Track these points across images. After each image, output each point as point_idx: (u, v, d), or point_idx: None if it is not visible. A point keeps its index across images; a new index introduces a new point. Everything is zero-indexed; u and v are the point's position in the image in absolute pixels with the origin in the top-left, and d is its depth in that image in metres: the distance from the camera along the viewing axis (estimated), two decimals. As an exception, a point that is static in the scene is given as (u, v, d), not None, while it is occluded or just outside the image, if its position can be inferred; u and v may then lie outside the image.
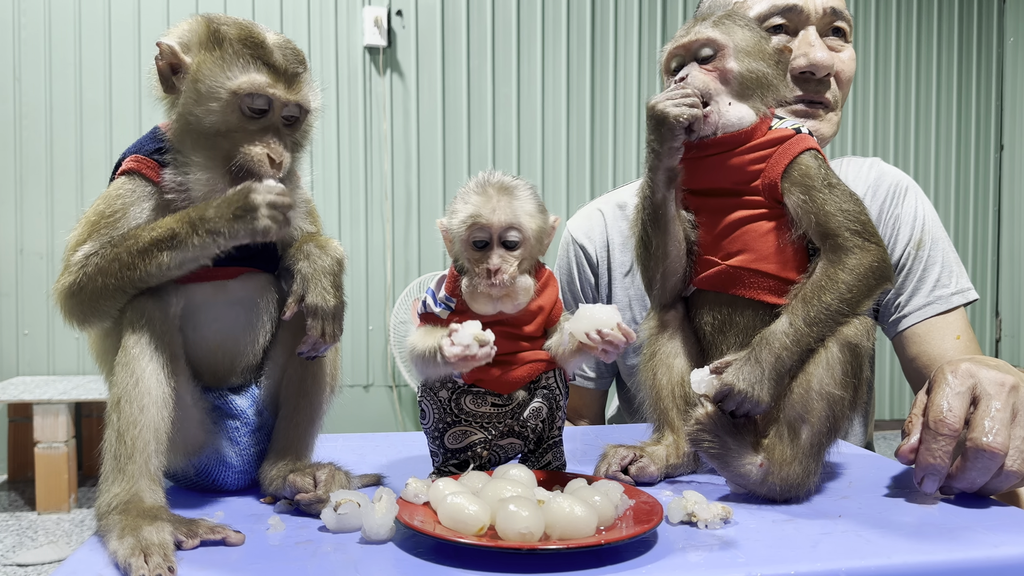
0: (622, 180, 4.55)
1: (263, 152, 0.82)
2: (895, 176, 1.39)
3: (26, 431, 3.72)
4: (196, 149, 0.83)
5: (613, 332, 0.82)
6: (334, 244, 0.89)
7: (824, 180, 0.89)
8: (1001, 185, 5.15)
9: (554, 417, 0.92)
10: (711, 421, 0.84)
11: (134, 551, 0.67)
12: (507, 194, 0.86)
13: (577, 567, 0.66)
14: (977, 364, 0.87)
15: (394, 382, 4.37)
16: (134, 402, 0.78)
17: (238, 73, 0.81)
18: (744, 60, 0.93)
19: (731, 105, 0.92)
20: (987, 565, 0.70)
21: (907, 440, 0.86)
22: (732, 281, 0.93)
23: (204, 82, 0.81)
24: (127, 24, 4.10)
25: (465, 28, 4.45)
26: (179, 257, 0.80)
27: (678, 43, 0.96)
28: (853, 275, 0.87)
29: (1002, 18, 5.14)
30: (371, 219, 4.35)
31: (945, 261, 1.33)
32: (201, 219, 0.78)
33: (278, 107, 0.83)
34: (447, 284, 0.90)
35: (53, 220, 4.05)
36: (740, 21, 0.96)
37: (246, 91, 0.81)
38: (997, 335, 5.16)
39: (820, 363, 0.86)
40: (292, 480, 0.83)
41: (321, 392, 0.92)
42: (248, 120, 0.82)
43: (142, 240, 0.80)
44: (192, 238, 0.79)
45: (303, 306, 0.84)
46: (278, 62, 0.83)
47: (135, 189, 0.85)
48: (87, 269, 0.82)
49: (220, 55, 0.82)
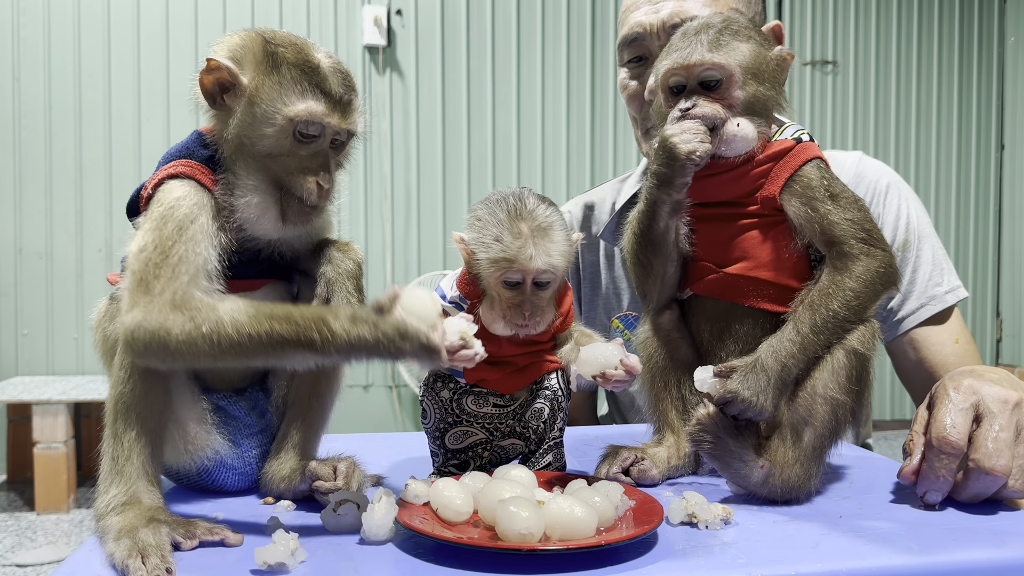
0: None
1: (313, 182, 0.82)
2: (876, 173, 1.35)
3: (25, 431, 3.72)
4: (249, 171, 0.82)
5: (618, 372, 0.83)
6: (354, 247, 0.91)
7: (827, 190, 0.88)
8: (1002, 185, 5.15)
9: (555, 418, 0.92)
10: (712, 422, 0.84)
11: (132, 552, 0.67)
12: (543, 236, 0.83)
13: (577, 568, 0.66)
14: (980, 380, 0.86)
15: (394, 382, 4.37)
16: (134, 403, 0.77)
17: (296, 100, 0.81)
18: (750, 85, 0.90)
19: (739, 127, 0.89)
20: (988, 565, 0.70)
21: (909, 461, 0.85)
22: (731, 288, 0.92)
23: (261, 106, 0.81)
24: (126, 24, 4.10)
25: (465, 28, 4.45)
26: (300, 359, 0.74)
27: (679, 63, 0.91)
28: (860, 282, 0.86)
29: (1002, 18, 5.14)
30: (371, 219, 4.35)
31: (935, 259, 1.30)
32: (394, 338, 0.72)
33: (330, 133, 0.84)
34: (460, 285, 0.89)
35: (52, 220, 4.05)
36: (741, 34, 0.92)
37: (304, 119, 0.81)
38: (998, 335, 5.16)
39: (825, 367, 0.86)
40: (313, 468, 0.83)
41: (332, 393, 0.93)
42: (299, 145, 0.82)
43: (263, 326, 0.72)
44: (328, 348, 0.72)
45: None
46: (334, 90, 0.83)
47: (192, 192, 0.80)
48: (227, 321, 0.72)
49: (278, 80, 0.81)
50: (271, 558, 0.66)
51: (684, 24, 0.97)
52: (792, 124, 0.96)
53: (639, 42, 1.30)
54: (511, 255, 0.82)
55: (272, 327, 0.72)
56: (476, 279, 0.87)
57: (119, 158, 4.03)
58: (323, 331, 0.71)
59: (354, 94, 0.86)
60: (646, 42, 1.30)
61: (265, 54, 0.82)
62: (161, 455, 0.79)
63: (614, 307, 1.47)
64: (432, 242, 4.40)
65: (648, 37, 1.29)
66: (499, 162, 4.48)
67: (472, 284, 0.87)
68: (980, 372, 0.89)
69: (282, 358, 0.74)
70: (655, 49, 1.29)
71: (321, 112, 0.82)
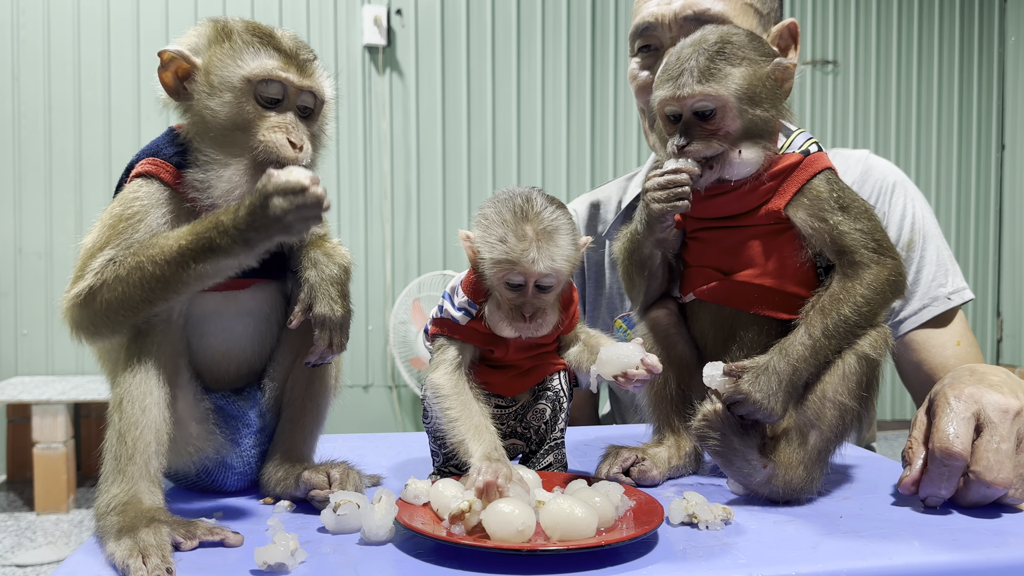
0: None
1: (283, 136, 0.80)
2: (883, 172, 1.34)
3: (25, 431, 3.72)
4: (216, 146, 0.81)
5: (639, 372, 0.82)
6: (341, 251, 0.88)
7: (837, 202, 0.88)
8: (1002, 185, 5.15)
9: (557, 419, 0.92)
10: (718, 419, 0.84)
11: (132, 552, 0.67)
12: (547, 239, 0.82)
13: (577, 568, 0.66)
14: (980, 386, 0.85)
15: (393, 383, 4.37)
16: (136, 403, 0.77)
17: (249, 60, 0.80)
18: (746, 111, 0.88)
19: (740, 155, 0.88)
20: (988, 566, 0.70)
21: (909, 471, 0.84)
22: (736, 295, 0.92)
23: (216, 73, 0.80)
24: (126, 24, 4.10)
25: (465, 27, 4.45)
26: (215, 266, 0.75)
27: (672, 95, 0.89)
28: (871, 289, 0.86)
29: (1003, 18, 5.14)
30: (370, 219, 4.35)
31: (939, 260, 1.29)
32: (233, 223, 0.73)
33: (292, 93, 0.82)
34: (466, 287, 0.88)
35: (52, 220, 4.05)
36: (735, 57, 0.89)
37: (259, 76, 0.80)
38: (998, 335, 5.16)
39: (836, 372, 0.86)
40: (307, 477, 0.83)
41: (326, 394, 0.92)
42: (264, 110, 0.81)
43: (169, 249, 0.76)
44: (225, 242, 0.73)
45: (310, 316, 0.84)
46: (288, 47, 0.82)
47: (153, 192, 0.82)
48: (105, 276, 0.78)
49: (230, 46, 0.81)
50: (271, 558, 0.66)
51: (698, 21, 0.96)
52: (801, 132, 0.94)
53: (650, 32, 1.31)
54: (514, 257, 0.81)
55: (180, 244, 0.75)
56: (481, 279, 0.86)
57: (119, 158, 4.03)
58: (218, 229, 0.74)
59: (313, 56, 0.84)
60: (657, 32, 1.30)
61: (216, 31, 0.82)
62: (163, 455, 0.79)
63: (617, 307, 1.47)
64: (432, 242, 4.40)
65: (660, 28, 1.29)
66: (499, 162, 4.48)
67: (477, 285, 0.87)
68: (981, 374, 0.88)
69: (206, 273, 0.76)
70: (666, 40, 1.29)
71: (276, 66, 0.80)
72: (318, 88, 0.84)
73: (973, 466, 0.81)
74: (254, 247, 0.74)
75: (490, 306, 0.85)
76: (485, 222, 0.84)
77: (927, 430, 0.85)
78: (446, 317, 0.88)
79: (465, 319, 0.87)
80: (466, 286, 0.88)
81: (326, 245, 0.89)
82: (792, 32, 1.30)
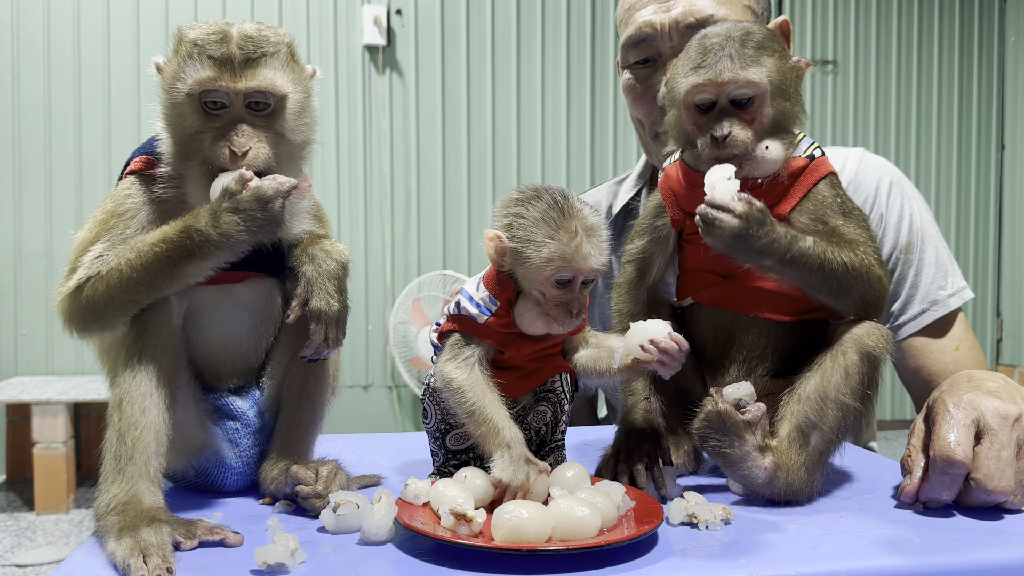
0: (622, 180, 4.53)
1: (225, 147, 0.80)
2: (879, 171, 1.31)
3: (24, 431, 3.72)
4: (181, 159, 0.83)
5: (666, 340, 0.81)
6: (339, 248, 0.88)
7: (840, 207, 0.89)
8: (1002, 185, 5.15)
9: (558, 420, 0.92)
10: (720, 420, 0.84)
11: (133, 552, 0.67)
12: (594, 235, 0.83)
13: (578, 568, 0.66)
14: (979, 393, 0.85)
15: (393, 383, 4.37)
16: (135, 403, 0.78)
17: (189, 72, 0.81)
18: (777, 101, 0.89)
19: (767, 150, 0.88)
20: (989, 566, 0.70)
21: (910, 479, 0.84)
22: (735, 298, 0.92)
23: (168, 91, 0.82)
24: (126, 24, 4.09)
25: (465, 27, 4.45)
26: (195, 267, 0.79)
27: (710, 80, 0.87)
28: (855, 269, 0.87)
29: (1003, 17, 5.14)
30: (370, 219, 4.35)
31: (938, 261, 1.26)
32: (197, 227, 0.78)
33: (235, 98, 0.81)
34: (488, 284, 0.87)
35: (52, 220, 4.04)
36: (767, 47, 0.89)
37: (196, 91, 0.80)
38: (998, 335, 5.16)
39: (839, 371, 0.86)
40: (294, 472, 0.83)
41: (323, 393, 0.92)
42: (212, 118, 0.81)
43: (144, 253, 0.79)
44: (197, 245, 0.77)
45: (307, 310, 0.84)
46: (226, 53, 0.80)
47: (144, 190, 0.84)
48: (99, 270, 0.80)
49: (177, 60, 0.82)
50: (271, 558, 0.66)
51: (700, 28, 0.95)
52: (804, 137, 0.94)
53: (647, 43, 1.24)
54: (567, 254, 0.81)
55: (154, 251, 0.78)
56: (508, 278, 0.86)
57: (119, 158, 4.03)
58: (194, 235, 0.77)
59: (262, 52, 0.81)
60: (655, 43, 1.23)
61: (176, 40, 0.84)
62: (163, 455, 0.79)
63: (608, 316, 1.45)
64: (432, 242, 4.40)
65: (658, 37, 1.22)
66: (499, 162, 4.48)
67: (503, 283, 0.86)
68: (979, 380, 0.88)
69: (180, 275, 0.79)
70: (665, 50, 1.23)
71: (208, 78, 0.80)
72: (265, 86, 0.81)
73: (974, 474, 0.81)
74: (225, 249, 0.78)
75: (523, 304, 0.85)
76: (524, 222, 0.83)
77: (926, 437, 0.85)
78: (464, 314, 0.87)
79: (483, 317, 0.86)
80: (488, 282, 0.87)
81: (323, 242, 0.89)
82: (784, 30, 1.26)
